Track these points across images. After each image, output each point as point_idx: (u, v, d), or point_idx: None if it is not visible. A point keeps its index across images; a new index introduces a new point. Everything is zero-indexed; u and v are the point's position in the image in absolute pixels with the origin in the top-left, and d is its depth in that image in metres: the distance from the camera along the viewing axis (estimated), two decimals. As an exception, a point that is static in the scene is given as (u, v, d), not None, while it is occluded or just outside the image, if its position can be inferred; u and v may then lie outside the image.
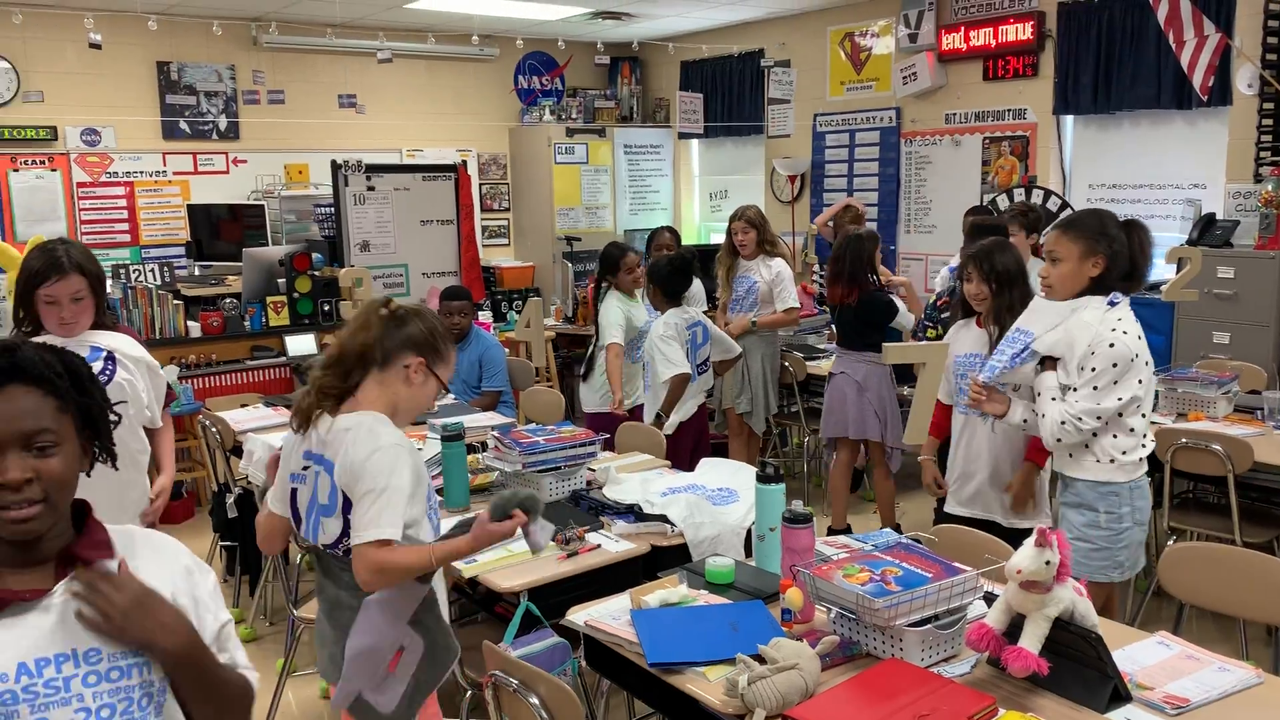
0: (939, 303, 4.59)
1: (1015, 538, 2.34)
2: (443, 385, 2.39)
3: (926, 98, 7.21)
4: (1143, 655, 2.10)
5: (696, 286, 5.46)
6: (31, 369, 1.36)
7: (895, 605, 1.99)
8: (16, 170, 6.94)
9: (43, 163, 7.03)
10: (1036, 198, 6.45)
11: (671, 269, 4.62)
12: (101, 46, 6.20)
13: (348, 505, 2.21)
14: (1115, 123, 6.39)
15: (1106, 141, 6.47)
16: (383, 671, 2.25)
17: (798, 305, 5.35)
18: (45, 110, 6.99)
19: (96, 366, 3.01)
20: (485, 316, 6.86)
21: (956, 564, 2.19)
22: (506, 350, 5.56)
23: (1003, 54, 6.71)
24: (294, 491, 2.38)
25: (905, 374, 5.23)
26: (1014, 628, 2.01)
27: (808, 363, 5.53)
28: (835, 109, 7.88)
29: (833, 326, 5.11)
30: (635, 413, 4.79)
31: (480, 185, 8.83)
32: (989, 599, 2.20)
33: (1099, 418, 2.84)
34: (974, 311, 3.46)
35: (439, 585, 2.37)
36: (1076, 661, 1.96)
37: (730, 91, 8.65)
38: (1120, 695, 1.92)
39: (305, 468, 2.34)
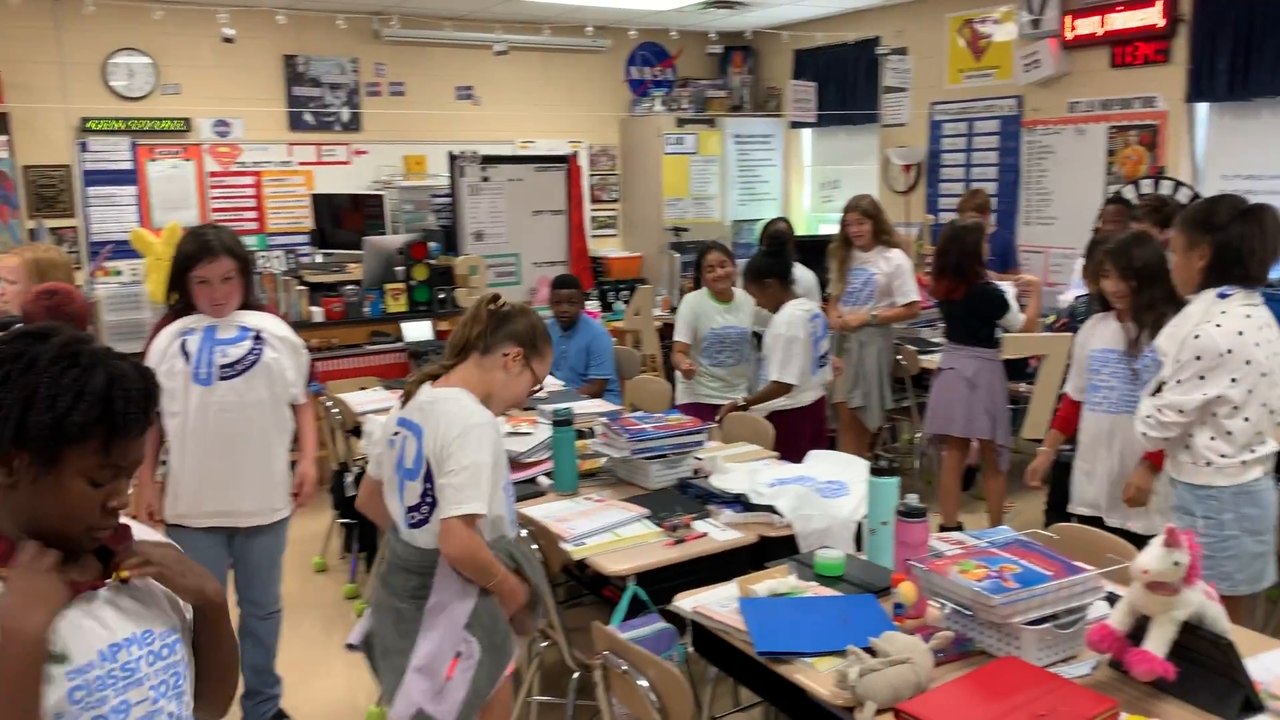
0: (1055, 325, 4.42)
1: (1141, 540, 2.26)
2: (537, 380, 2.51)
3: (1049, 85, 6.98)
4: (1277, 665, 2.01)
5: (808, 277, 5.41)
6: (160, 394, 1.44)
7: (1013, 603, 1.95)
8: (154, 160, 7.28)
9: (177, 153, 7.36)
10: (1165, 189, 6.19)
11: (770, 254, 4.56)
12: (234, 40, 6.45)
13: (430, 472, 2.31)
14: (1253, 110, 6.07)
15: (1243, 130, 6.16)
16: (440, 681, 2.31)
17: (918, 299, 5.25)
18: (180, 102, 7.32)
19: (245, 345, 3.14)
20: (592, 306, 6.93)
21: (1078, 563, 2.13)
22: (614, 339, 5.61)
23: (1132, 39, 6.45)
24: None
25: (1017, 370, 5.09)
26: (1138, 630, 1.95)
27: (921, 356, 5.42)
28: (953, 97, 7.69)
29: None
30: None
31: (590, 176, 8.90)
32: (1111, 601, 2.14)
33: (1181, 411, 2.72)
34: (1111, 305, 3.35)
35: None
36: (1204, 668, 1.88)
37: (844, 80, 8.52)
38: (1251, 705, 1.84)
39: (396, 433, 2.45)
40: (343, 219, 7.63)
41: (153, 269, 5.43)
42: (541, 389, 2.63)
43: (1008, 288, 4.84)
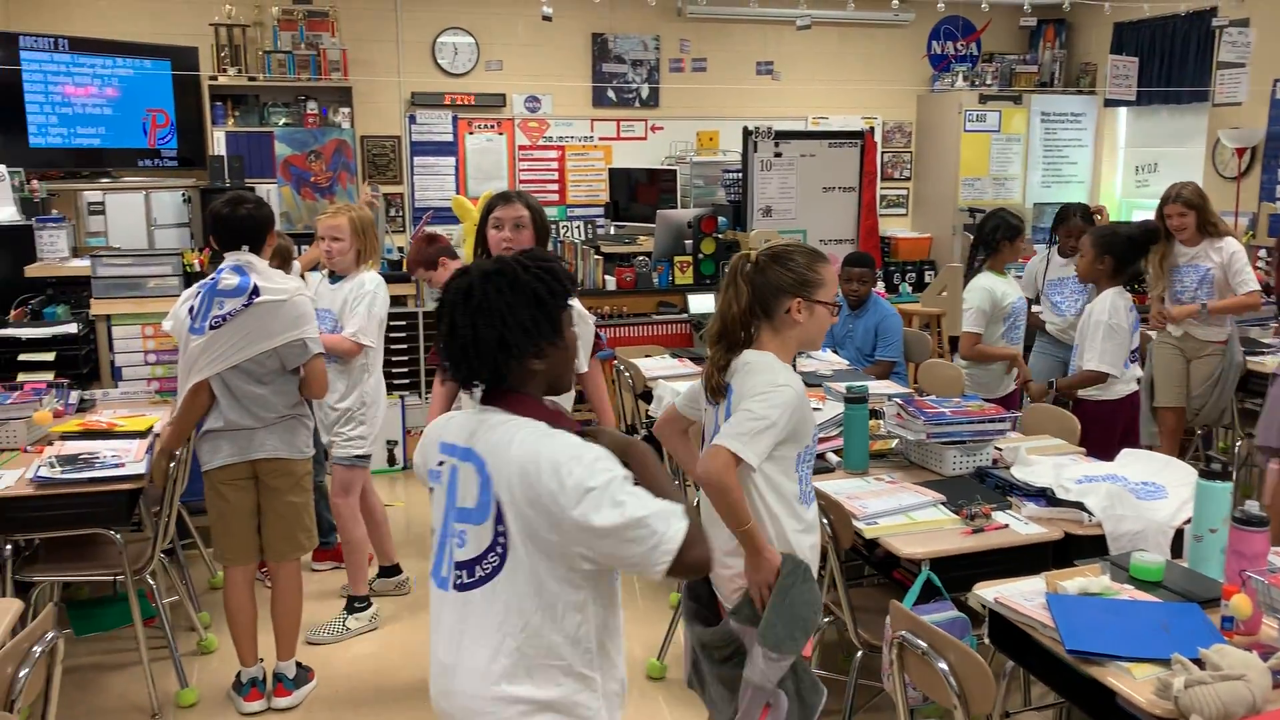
0: None
1: None
2: (830, 306, 2.41)
3: None
4: None
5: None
6: None
7: (1375, 630, 1.76)
8: (472, 133, 7.85)
9: (492, 126, 7.89)
10: None
11: (1134, 242, 4.25)
12: (552, 19, 6.81)
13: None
14: None
15: None
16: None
17: (1258, 287, 4.77)
18: (497, 79, 7.83)
19: None
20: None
21: None
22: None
23: None
24: None
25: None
26: None
27: (1249, 359, 4.93)
28: (1303, 73, 6.89)
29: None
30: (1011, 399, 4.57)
31: (882, 153, 8.71)
32: None
33: None
34: None
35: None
36: None
37: (1170, 55, 7.83)
38: None
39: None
40: (638, 193, 7.89)
41: (469, 234, 5.85)
42: (838, 309, 2.52)
43: None
